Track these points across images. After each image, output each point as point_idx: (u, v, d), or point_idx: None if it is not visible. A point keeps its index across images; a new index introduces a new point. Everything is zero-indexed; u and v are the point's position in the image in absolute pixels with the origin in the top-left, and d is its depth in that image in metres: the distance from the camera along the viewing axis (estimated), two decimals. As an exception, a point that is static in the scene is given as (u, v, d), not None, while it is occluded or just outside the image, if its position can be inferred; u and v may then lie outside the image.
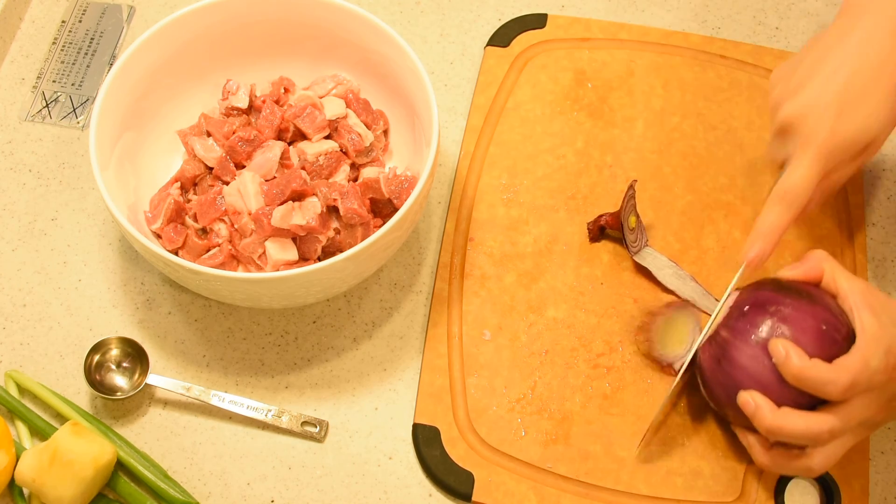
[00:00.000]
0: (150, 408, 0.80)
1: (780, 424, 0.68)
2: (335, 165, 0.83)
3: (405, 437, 0.79)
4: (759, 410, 0.69)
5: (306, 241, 0.79)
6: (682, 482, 0.76)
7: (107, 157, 0.79)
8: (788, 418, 0.68)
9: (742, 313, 0.72)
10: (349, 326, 0.83)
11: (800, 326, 0.69)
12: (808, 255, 0.74)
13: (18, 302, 0.84)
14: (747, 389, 0.70)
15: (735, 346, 0.71)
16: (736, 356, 0.71)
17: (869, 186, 0.90)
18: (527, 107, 0.93)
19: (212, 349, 0.82)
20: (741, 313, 0.72)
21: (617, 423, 0.79)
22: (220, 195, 0.81)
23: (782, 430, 0.68)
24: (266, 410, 0.79)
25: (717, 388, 0.73)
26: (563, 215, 0.88)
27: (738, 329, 0.72)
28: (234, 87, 0.86)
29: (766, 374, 0.69)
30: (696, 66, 0.96)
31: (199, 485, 0.77)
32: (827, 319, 0.70)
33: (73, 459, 0.71)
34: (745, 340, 0.71)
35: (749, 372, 0.70)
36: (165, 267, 0.75)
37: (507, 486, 0.76)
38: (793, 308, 0.70)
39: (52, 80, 0.96)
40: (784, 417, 0.68)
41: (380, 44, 0.83)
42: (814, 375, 0.67)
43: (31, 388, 0.79)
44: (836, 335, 0.69)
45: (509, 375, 0.80)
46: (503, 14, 1.00)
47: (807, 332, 0.69)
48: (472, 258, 0.86)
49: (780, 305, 0.71)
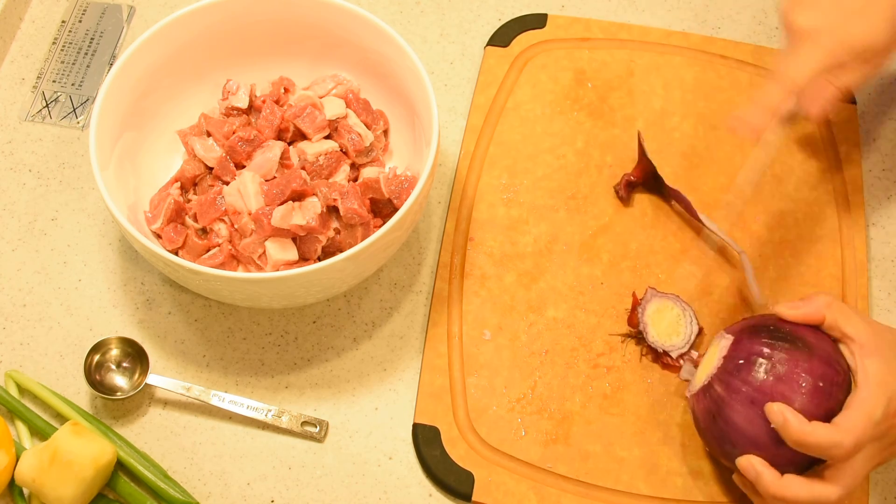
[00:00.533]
0: (150, 408, 0.80)
1: (784, 494, 0.66)
2: (335, 165, 0.83)
3: (405, 437, 0.79)
4: (762, 478, 0.67)
5: (306, 241, 0.79)
6: (682, 482, 0.76)
7: (107, 157, 0.79)
8: (792, 487, 0.66)
9: (737, 368, 0.69)
10: (349, 326, 0.83)
11: (796, 385, 0.67)
12: (812, 298, 0.71)
13: (18, 302, 0.84)
14: (742, 447, 0.68)
15: (730, 406, 0.69)
16: (731, 416, 0.69)
17: (869, 186, 0.91)
18: (527, 107, 0.93)
19: (212, 349, 0.82)
20: (735, 367, 0.70)
21: (617, 423, 0.79)
22: (220, 195, 0.81)
23: (786, 498, 0.66)
24: (266, 410, 0.79)
25: (713, 441, 0.71)
26: (563, 215, 0.88)
27: (732, 387, 0.69)
28: (234, 87, 0.86)
29: (761, 436, 0.68)
30: (696, 66, 0.96)
31: (199, 485, 0.77)
32: (824, 374, 0.67)
33: (73, 459, 0.71)
34: (740, 401, 0.68)
35: (744, 433, 0.68)
36: (165, 267, 0.75)
37: (507, 486, 0.76)
38: (789, 364, 0.68)
39: (52, 80, 0.96)
40: (788, 486, 0.66)
41: (380, 44, 0.83)
42: (816, 440, 0.65)
43: (31, 388, 0.79)
44: (833, 389, 0.67)
45: (509, 375, 0.80)
46: (503, 14, 1.00)
47: (803, 392, 0.67)
48: (472, 258, 0.86)
49: (776, 362, 0.68)
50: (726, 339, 0.72)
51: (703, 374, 0.72)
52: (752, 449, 0.68)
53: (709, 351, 0.75)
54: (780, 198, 0.89)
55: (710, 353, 0.74)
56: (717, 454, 0.73)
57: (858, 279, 0.85)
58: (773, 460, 0.68)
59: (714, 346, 0.74)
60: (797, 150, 0.91)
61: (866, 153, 0.92)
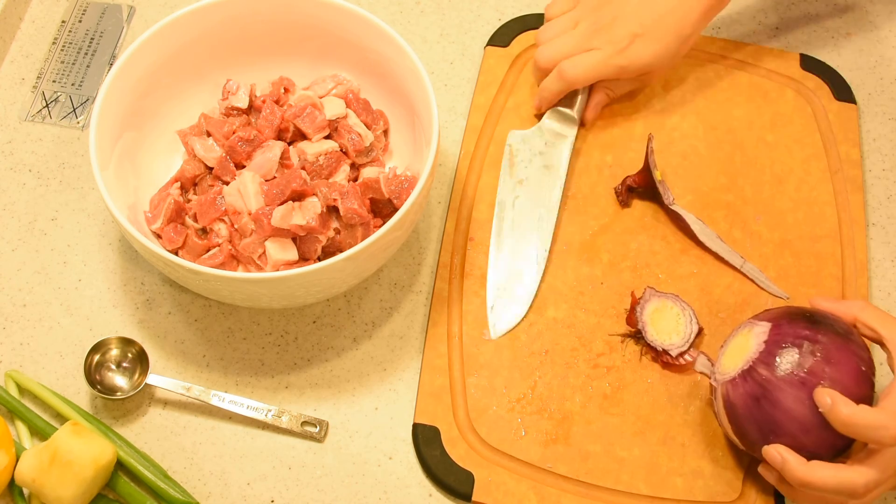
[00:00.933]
0: (150, 408, 0.80)
1: (810, 479, 0.67)
2: (335, 165, 0.83)
3: (405, 437, 0.79)
4: (788, 464, 0.68)
5: (306, 241, 0.79)
6: (682, 482, 0.76)
7: (107, 157, 0.79)
8: (818, 472, 0.67)
9: (784, 351, 0.70)
10: (349, 326, 0.83)
11: (843, 367, 0.68)
12: (847, 301, 0.74)
13: (18, 302, 0.84)
14: (787, 430, 0.69)
15: (779, 388, 0.69)
16: (780, 398, 0.69)
17: (869, 186, 0.91)
18: (527, 107, 0.93)
19: (212, 349, 0.82)
20: (782, 351, 0.70)
21: (617, 423, 0.79)
22: (220, 195, 0.81)
23: (813, 484, 0.67)
24: (266, 410, 0.79)
25: (751, 427, 0.71)
26: (563, 215, 0.88)
27: (781, 369, 0.69)
28: (234, 87, 0.86)
29: (809, 417, 0.68)
30: (696, 66, 0.96)
31: (199, 485, 0.77)
32: (863, 358, 0.70)
33: (73, 459, 0.71)
34: (791, 383, 0.69)
35: (793, 414, 0.69)
36: (165, 267, 0.75)
37: (507, 485, 0.76)
38: (834, 347, 0.69)
39: (52, 80, 0.96)
40: (814, 471, 0.67)
41: (380, 44, 0.83)
42: (863, 422, 0.65)
43: (31, 388, 0.79)
44: (871, 374, 0.69)
45: (509, 375, 0.80)
46: (503, 14, 1.00)
47: (849, 373, 0.68)
48: (472, 258, 0.86)
49: (820, 344, 0.69)
50: (760, 325, 0.73)
51: (739, 360, 0.72)
52: (798, 432, 0.68)
53: (734, 340, 0.74)
54: (780, 198, 0.89)
55: (739, 342, 0.74)
56: (751, 439, 0.72)
57: (858, 279, 0.85)
58: (817, 444, 0.68)
59: (743, 334, 0.74)
60: (797, 150, 0.91)
61: (866, 153, 0.92)
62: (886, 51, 0.99)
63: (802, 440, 0.69)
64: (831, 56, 0.98)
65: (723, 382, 0.73)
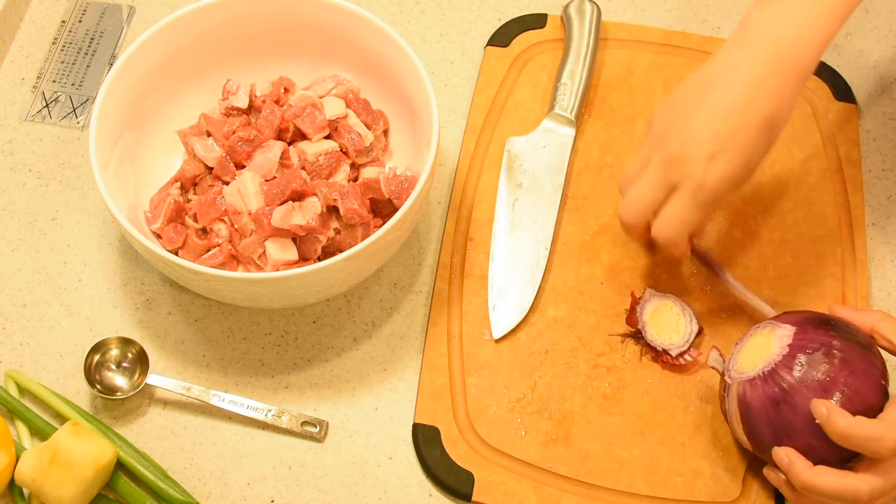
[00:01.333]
0: (150, 408, 0.80)
1: (814, 483, 0.67)
2: (335, 165, 0.83)
3: (405, 437, 0.79)
4: (793, 466, 0.68)
5: (306, 241, 0.79)
6: (682, 482, 0.76)
7: (107, 157, 0.79)
8: (822, 476, 0.67)
9: (808, 357, 0.70)
10: (349, 326, 0.83)
11: (865, 378, 0.68)
12: (866, 311, 0.74)
13: (18, 302, 0.84)
14: (802, 435, 0.69)
15: (800, 393, 0.69)
16: (800, 402, 0.68)
17: (869, 186, 0.90)
18: (527, 107, 0.93)
19: (212, 349, 0.82)
20: (807, 357, 0.70)
21: (617, 423, 0.79)
22: (220, 195, 0.81)
23: (817, 488, 0.67)
24: (266, 410, 0.79)
25: (765, 428, 0.70)
26: (563, 215, 0.88)
27: (805, 375, 0.69)
28: (234, 87, 0.86)
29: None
30: (696, 66, 0.95)
31: (199, 485, 0.77)
32: (882, 370, 0.70)
33: (73, 459, 0.71)
34: (813, 388, 0.68)
35: (811, 420, 0.68)
36: (165, 267, 0.75)
37: (507, 486, 0.76)
38: (856, 356, 0.69)
39: (52, 80, 0.96)
40: (819, 476, 0.67)
41: (380, 44, 0.83)
42: (860, 433, 0.65)
43: (31, 388, 0.79)
44: (886, 387, 0.69)
45: (509, 375, 0.80)
46: (503, 14, 1.00)
47: (870, 384, 0.68)
48: (472, 258, 0.86)
49: (844, 353, 0.69)
50: (784, 328, 0.72)
51: (759, 361, 0.72)
52: (813, 438, 0.68)
53: (753, 339, 0.74)
54: (780, 198, 0.89)
55: (759, 342, 0.73)
56: (762, 441, 0.71)
57: (858, 279, 0.85)
58: (832, 452, 0.68)
59: (764, 335, 0.73)
60: (797, 150, 0.91)
61: (866, 153, 0.92)
62: (886, 51, 0.99)
63: (815, 446, 0.68)
64: (831, 56, 0.98)
65: (739, 381, 0.72)
